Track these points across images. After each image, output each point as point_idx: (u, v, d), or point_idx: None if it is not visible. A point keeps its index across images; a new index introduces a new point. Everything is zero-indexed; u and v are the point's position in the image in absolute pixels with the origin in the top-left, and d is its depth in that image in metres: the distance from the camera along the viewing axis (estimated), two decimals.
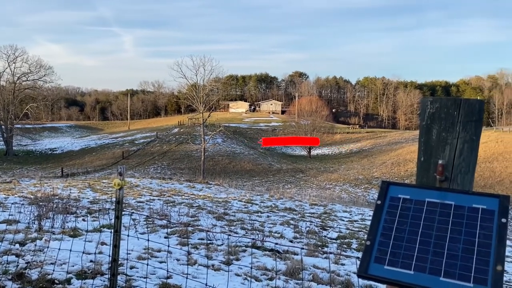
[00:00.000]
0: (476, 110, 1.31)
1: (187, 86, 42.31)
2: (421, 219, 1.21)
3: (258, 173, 52.98)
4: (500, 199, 1.14)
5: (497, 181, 53.13)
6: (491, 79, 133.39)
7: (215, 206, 14.13)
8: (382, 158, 64.16)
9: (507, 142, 63.81)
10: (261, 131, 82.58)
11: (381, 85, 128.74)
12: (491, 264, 1.02)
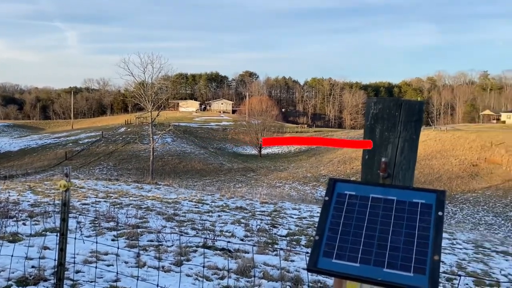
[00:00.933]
0: (416, 111, 1.41)
1: (135, 84, 41.22)
2: (366, 214, 1.28)
3: (209, 172, 52.69)
4: (437, 194, 1.24)
5: (435, 177, 56.32)
6: (430, 80, 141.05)
7: (164, 207, 13.90)
8: (329, 157, 65.99)
9: (444, 141, 67.79)
10: (212, 131, 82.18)
11: (328, 85, 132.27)
12: (429, 254, 1.10)
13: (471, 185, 53.62)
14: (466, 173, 56.47)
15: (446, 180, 55.17)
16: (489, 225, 42.09)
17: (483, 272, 9.21)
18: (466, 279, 7.85)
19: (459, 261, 10.26)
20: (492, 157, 59.90)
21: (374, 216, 1.27)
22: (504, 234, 38.16)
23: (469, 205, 48.03)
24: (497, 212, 45.17)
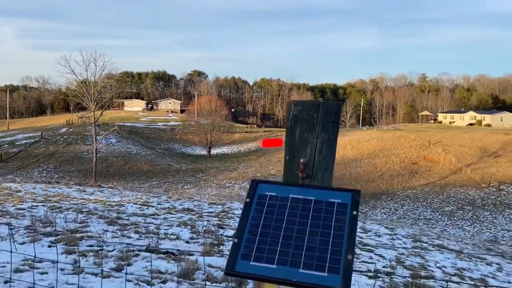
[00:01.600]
0: (333, 112, 1.44)
1: (76, 83, 39.49)
2: (285, 215, 1.28)
3: (156, 174, 51.59)
4: (352, 193, 1.26)
5: (378, 175, 58.70)
6: (373, 82, 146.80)
7: (107, 210, 13.42)
8: (278, 156, 66.83)
9: (386, 140, 70.80)
10: (159, 131, 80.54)
11: (276, 86, 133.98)
12: (343, 253, 1.12)
13: (411, 182, 56.43)
14: (406, 171, 59.34)
15: (388, 177, 57.67)
16: (427, 220, 44.51)
17: (420, 265, 9.70)
18: (403, 272, 8.22)
19: (398, 256, 10.73)
20: (430, 156, 63.38)
21: (292, 217, 1.27)
22: (441, 228, 40.52)
23: (409, 201, 50.52)
24: (434, 208, 47.87)
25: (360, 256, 9.58)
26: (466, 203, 48.42)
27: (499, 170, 56.97)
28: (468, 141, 67.56)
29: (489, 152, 62.83)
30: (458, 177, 56.33)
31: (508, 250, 22.71)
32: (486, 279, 9.55)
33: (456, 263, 11.48)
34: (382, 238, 13.73)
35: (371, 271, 7.93)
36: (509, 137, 67.55)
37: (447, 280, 8.33)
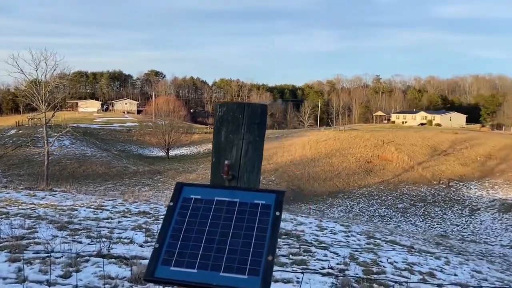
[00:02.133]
0: (259, 114, 1.44)
1: (26, 83, 37.72)
2: (209, 218, 1.27)
3: (112, 176, 50.22)
4: (276, 194, 1.27)
5: (335, 174, 60.02)
6: (329, 83, 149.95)
7: (58, 215, 12.90)
8: None
9: (343, 140, 72.49)
10: (115, 132, 78.45)
11: (236, 87, 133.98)
12: (264, 255, 1.12)
13: (366, 180, 58.12)
14: (362, 170, 61.04)
15: (345, 176, 59.10)
16: (382, 216, 45.99)
17: (372, 261, 9.98)
18: (356, 268, 8.44)
19: (352, 253, 11.00)
20: (384, 154, 65.54)
21: (216, 220, 1.26)
22: (395, 225, 41.99)
23: (365, 199, 52.02)
24: (388, 205, 49.54)
25: (315, 254, 9.75)
26: (418, 199, 50.45)
27: (448, 167, 59.77)
28: (420, 140, 70.43)
29: (439, 150, 65.79)
30: (411, 175, 58.59)
31: (456, 244, 23.86)
32: (434, 272, 9.98)
33: (407, 258, 11.92)
34: (337, 236, 14.04)
35: (325, 268, 8.08)
36: (458, 136, 71.03)
37: (398, 274, 8.63)
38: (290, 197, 52.70)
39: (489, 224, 41.17)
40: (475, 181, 54.80)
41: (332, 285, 6.61)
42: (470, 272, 11.46)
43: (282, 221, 15.50)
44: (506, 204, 45.52)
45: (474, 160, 61.24)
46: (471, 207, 46.68)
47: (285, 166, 62.21)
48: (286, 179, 57.74)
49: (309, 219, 17.77)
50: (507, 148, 63.47)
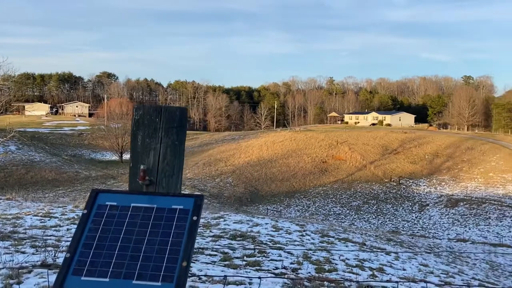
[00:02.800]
0: (177, 117, 1.43)
1: None
2: (124, 225, 1.24)
3: (62, 182, 48.28)
4: (195, 199, 1.26)
5: (291, 174, 60.84)
6: (285, 85, 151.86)
7: (1, 224, 12.21)
8: (194, 159, 66.21)
9: (298, 141, 73.61)
10: (65, 136, 75.45)
11: (191, 88, 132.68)
12: (179, 261, 1.11)
13: (322, 179, 59.34)
14: (317, 169, 62.26)
15: (301, 176, 60.05)
16: (337, 215, 47.11)
17: (325, 259, 10.18)
18: (309, 267, 8.57)
19: (306, 251, 11.17)
20: (338, 154, 67.20)
21: (132, 226, 1.23)
22: (349, 222, 43.12)
23: (321, 198, 53.08)
24: (343, 203, 50.82)
25: (270, 254, 9.81)
26: (371, 197, 52.13)
27: (398, 165, 62.18)
28: (371, 139, 72.80)
29: (390, 149, 68.32)
30: (363, 174, 60.43)
31: (406, 239, 24.81)
32: (383, 268, 10.32)
33: (359, 254, 12.25)
34: (292, 235, 14.21)
35: (278, 268, 8.15)
36: (407, 135, 74.05)
37: (349, 271, 8.85)
38: (247, 199, 52.82)
39: (437, 219, 43.21)
40: (423, 178, 57.35)
41: (284, 284, 6.68)
42: (417, 266, 11.95)
43: (238, 223, 15.50)
44: (452, 200, 47.96)
45: (423, 158, 64.08)
46: (421, 203, 48.79)
47: (242, 167, 62.32)
48: (243, 181, 57.84)
49: (265, 219, 17.86)
50: (452, 146, 66.92)
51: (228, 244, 10.75)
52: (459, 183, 53.91)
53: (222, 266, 8.05)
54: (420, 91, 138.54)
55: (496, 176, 54.31)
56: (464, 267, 15.55)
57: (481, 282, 11.56)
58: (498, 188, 50.46)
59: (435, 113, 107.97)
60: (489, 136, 75.54)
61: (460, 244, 29.53)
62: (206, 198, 49.74)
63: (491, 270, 17.37)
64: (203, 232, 12.61)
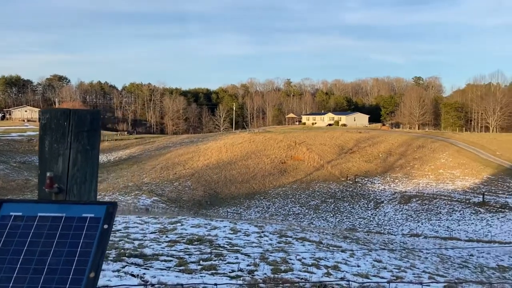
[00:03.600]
0: (88, 121, 1.36)
1: None
2: (29, 236, 1.16)
3: (11, 190, 45.94)
4: (107, 206, 1.20)
5: (251, 176, 61.00)
6: (243, 87, 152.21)
7: None
8: (152, 163, 64.94)
9: (258, 142, 73.95)
10: (13, 142, 71.92)
11: (147, 91, 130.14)
12: (87, 272, 1.05)
13: (281, 180, 59.90)
14: (276, 170, 62.79)
15: (260, 177, 60.34)
16: (296, 215, 47.70)
17: (282, 259, 10.25)
18: (265, 268, 8.59)
19: (263, 252, 11.21)
20: (296, 155, 68.12)
21: (37, 238, 1.16)
22: (308, 222, 43.78)
23: (280, 198, 53.56)
24: (302, 203, 51.53)
25: (227, 257, 9.76)
26: (329, 196, 53.19)
27: (354, 164, 63.83)
28: (328, 140, 74.35)
29: (346, 149, 70.03)
30: (321, 173, 61.58)
31: (362, 236, 25.48)
32: (339, 265, 10.53)
33: (315, 253, 12.44)
34: (250, 237, 14.22)
35: (234, 271, 8.11)
36: (361, 135, 76.21)
37: (305, 270, 8.95)
38: (207, 202, 52.43)
39: (392, 216, 44.71)
40: (378, 176, 59.19)
41: (239, 287, 6.65)
42: (371, 262, 12.28)
43: (195, 227, 15.32)
44: (405, 196, 49.80)
45: (377, 156, 66.15)
46: (376, 200, 50.32)
47: (201, 170, 61.79)
48: (202, 184, 57.37)
49: (224, 222, 17.78)
50: (404, 145, 69.52)
51: (184, 249, 10.59)
52: (412, 180, 56.06)
53: (177, 272, 7.92)
54: (373, 92, 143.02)
55: (445, 173, 56.95)
56: (416, 261, 16.16)
57: (431, 275, 12.06)
58: (448, 184, 52.93)
59: (387, 113, 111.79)
60: (439, 135, 79.15)
61: (413, 239, 30.71)
62: (164, 202, 48.86)
63: (441, 263, 18.17)
64: (159, 238, 12.36)
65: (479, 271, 18.60)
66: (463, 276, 15.05)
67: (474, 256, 22.57)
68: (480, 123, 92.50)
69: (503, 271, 20.04)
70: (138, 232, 13.51)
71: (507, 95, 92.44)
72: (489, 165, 57.48)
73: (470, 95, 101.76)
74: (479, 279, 15.58)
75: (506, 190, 48.09)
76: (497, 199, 45.09)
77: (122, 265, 7.85)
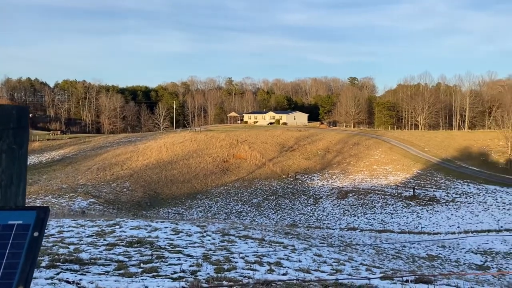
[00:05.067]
0: (14, 118, 1.25)
1: None
2: None
3: None
4: (37, 211, 1.10)
5: (193, 175, 60.33)
6: (184, 85, 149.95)
7: None
8: (88, 164, 62.18)
9: (199, 141, 73.27)
10: None
11: (82, 88, 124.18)
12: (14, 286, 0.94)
13: (223, 179, 59.84)
14: (218, 169, 62.64)
15: (203, 177, 59.88)
16: (238, 213, 47.88)
17: (225, 258, 10.21)
18: (208, 268, 8.50)
19: (206, 252, 11.10)
20: (238, 153, 68.37)
21: None
22: (250, 219, 44.12)
23: (222, 197, 53.49)
24: (244, 201, 51.81)
25: (168, 259, 9.55)
26: (270, 193, 53.98)
27: (294, 162, 65.29)
28: (270, 138, 75.39)
29: (287, 147, 71.41)
30: (263, 171, 62.35)
31: (302, 231, 26.11)
32: (281, 261, 10.68)
33: (258, 250, 12.54)
34: (192, 237, 14.04)
35: (176, 272, 7.95)
36: (301, 133, 78.09)
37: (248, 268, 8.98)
38: (147, 203, 51.12)
39: (330, 211, 46.27)
40: (317, 173, 61.01)
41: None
42: (312, 257, 12.61)
43: (135, 229, 14.86)
44: (342, 191, 51.76)
45: (316, 154, 68.14)
46: (315, 196, 51.83)
47: (140, 171, 60.13)
48: (142, 184, 55.86)
49: (165, 223, 17.41)
50: (341, 142, 72.18)
51: (124, 252, 10.22)
52: (348, 176, 58.36)
53: (117, 276, 7.61)
54: (312, 92, 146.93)
55: (379, 168, 59.90)
56: (353, 254, 16.83)
57: (368, 267, 12.60)
58: (381, 179, 55.72)
59: (325, 112, 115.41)
60: (372, 132, 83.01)
61: (351, 233, 31.99)
62: (101, 204, 46.97)
63: (377, 255, 19.08)
64: (96, 242, 11.84)
65: (411, 261, 19.75)
66: (397, 267, 15.91)
67: (406, 247, 23.94)
68: (410, 121, 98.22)
69: (432, 260, 21.43)
70: (74, 236, 12.85)
71: (434, 94, 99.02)
72: (419, 160, 61.26)
73: (401, 95, 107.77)
74: (411, 268, 16.55)
75: (434, 184, 51.51)
76: (426, 193, 48.19)
77: (56, 271, 7.41)
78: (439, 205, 43.70)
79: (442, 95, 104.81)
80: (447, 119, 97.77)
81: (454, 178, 53.18)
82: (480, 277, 15.43)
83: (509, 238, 27.53)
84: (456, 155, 65.53)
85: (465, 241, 27.09)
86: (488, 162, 62.03)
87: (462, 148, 68.10)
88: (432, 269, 18.04)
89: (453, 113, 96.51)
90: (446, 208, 42.01)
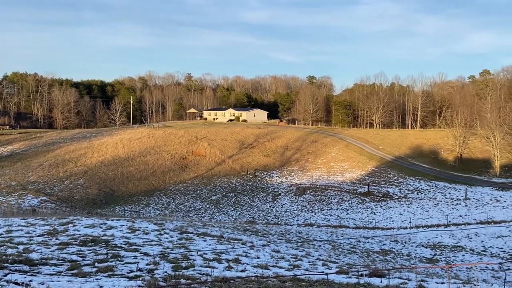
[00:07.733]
0: None
1: None
2: None
3: None
4: None
5: (150, 172, 59.19)
6: (141, 80, 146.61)
7: None
8: (39, 160, 59.57)
9: (157, 137, 71.97)
10: None
11: (33, 81, 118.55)
12: None
13: (182, 176, 59.12)
14: (177, 166, 61.80)
15: (160, 174, 58.89)
16: (197, 210, 47.49)
17: (183, 256, 10.12)
18: (165, 266, 8.40)
19: (163, 250, 10.95)
20: (197, 150, 67.74)
21: None
22: (209, 216, 43.88)
23: (181, 194, 52.85)
24: (203, 198, 51.46)
25: (124, 258, 9.34)
26: (230, 190, 53.91)
27: (254, 159, 65.54)
28: (229, 135, 75.25)
29: (246, 144, 71.55)
30: (222, 168, 62.15)
31: (261, 228, 26.29)
32: (239, 258, 10.72)
33: (217, 247, 12.51)
34: (150, 235, 13.80)
35: (133, 271, 7.79)
36: (261, 131, 78.48)
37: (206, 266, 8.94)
38: (102, 201, 49.64)
39: (288, 207, 46.86)
40: (276, 170, 61.58)
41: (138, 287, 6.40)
42: (270, 253, 12.74)
43: (89, 227, 14.41)
44: (300, 188, 52.53)
45: (275, 151, 68.74)
46: (274, 193, 52.31)
47: (95, 167, 58.30)
48: (97, 181, 54.20)
49: (121, 221, 17.00)
50: (300, 140, 73.21)
51: (77, 251, 9.89)
52: (306, 173, 59.32)
53: (70, 276, 7.36)
54: (271, 89, 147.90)
55: (336, 165, 61.29)
56: (310, 250, 17.15)
57: (325, 262, 12.88)
58: (338, 176, 57.05)
59: (284, 110, 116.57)
60: (330, 130, 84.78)
61: (308, 229, 32.56)
62: (54, 202, 45.19)
63: (333, 250, 19.54)
64: (48, 241, 11.38)
65: (365, 255, 20.40)
66: (352, 261, 16.37)
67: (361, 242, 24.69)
68: (366, 120, 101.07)
69: (385, 254, 22.23)
70: (23, 236, 12.29)
71: (388, 94, 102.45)
72: (373, 158, 63.22)
73: (357, 94, 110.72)
74: (366, 263, 17.08)
75: (387, 181, 53.36)
76: (380, 189, 49.83)
77: (4, 273, 7.07)
78: (392, 201, 45.33)
79: (396, 95, 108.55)
80: (401, 118, 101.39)
81: (407, 175, 55.32)
82: (429, 270, 16.18)
83: (457, 232, 29.02)
84: (409, 153, 68.20)
85: (416, 236, 28.29)
86: (438, 160, 65.01)
87: (414, 146, 70.94)
88: (385, 263, 18.71)
89: (406, 113, 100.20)
90: (399, 204, 43.64)
